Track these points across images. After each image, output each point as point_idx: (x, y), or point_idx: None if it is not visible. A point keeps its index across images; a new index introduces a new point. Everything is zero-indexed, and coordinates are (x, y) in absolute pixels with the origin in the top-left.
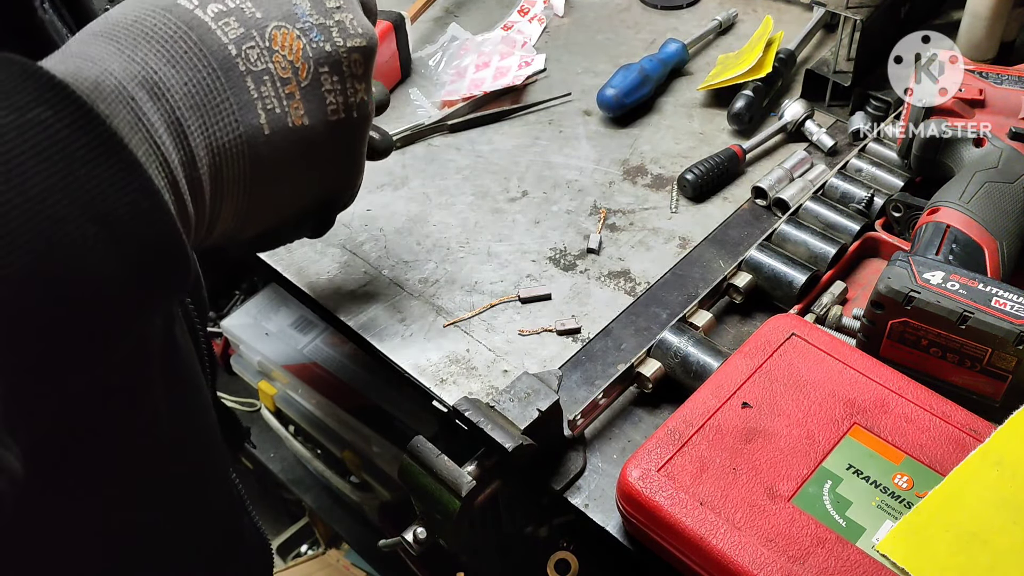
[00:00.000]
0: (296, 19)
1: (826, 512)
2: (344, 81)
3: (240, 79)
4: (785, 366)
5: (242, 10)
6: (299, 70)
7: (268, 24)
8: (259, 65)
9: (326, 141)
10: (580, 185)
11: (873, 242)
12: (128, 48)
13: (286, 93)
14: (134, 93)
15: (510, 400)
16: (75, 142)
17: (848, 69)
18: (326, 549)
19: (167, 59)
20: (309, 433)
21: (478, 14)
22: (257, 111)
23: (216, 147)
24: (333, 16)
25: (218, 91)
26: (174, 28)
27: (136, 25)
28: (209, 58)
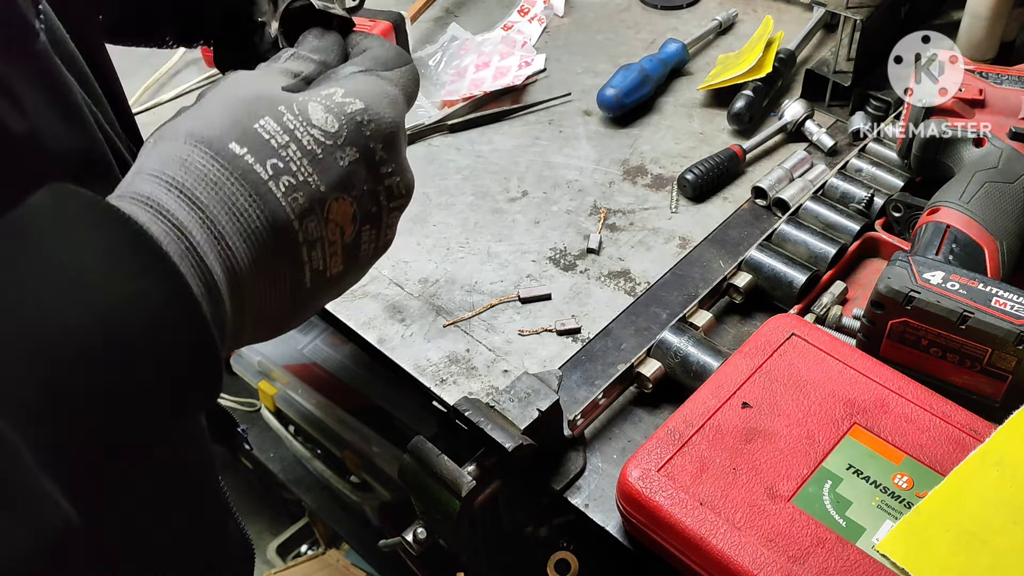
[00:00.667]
0: (352, 188)
1: (826, 512)
2: (380, 232)
3: (296, 249)
4: (785, 366)
5: (308, 184)
6: (345, 231)
7: (329, 197)
8: (315, 235)
9: (352, 275)
10: (580, 185)
11: (873, 242)
12: (210, 214)
13: (331, 253)
14: (213, 265)
15: (510, 400)
16: (171, 315)
17: (848, 69)
18: (326, 549)
19: (241, 232)
20: (309, 433)
21: (478, 14)
22: (305, 272)
23: (264, 303)
24: (384, 182)
25: (278, 261)
26: (250, 202)
27: (218, 191)
28: (276, 233)
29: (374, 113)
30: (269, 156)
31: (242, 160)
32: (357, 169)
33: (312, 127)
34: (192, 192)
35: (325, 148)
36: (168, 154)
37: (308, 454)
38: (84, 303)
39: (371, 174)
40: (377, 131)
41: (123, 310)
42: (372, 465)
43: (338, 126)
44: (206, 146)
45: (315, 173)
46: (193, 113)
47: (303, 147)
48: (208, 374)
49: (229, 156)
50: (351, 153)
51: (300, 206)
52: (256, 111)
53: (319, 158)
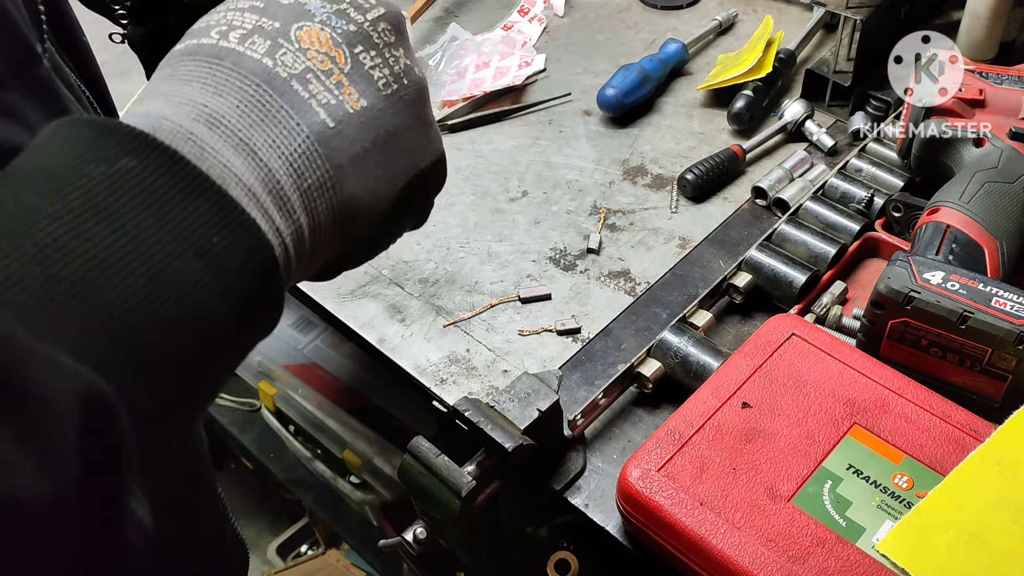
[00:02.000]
0: (312, 16)
1: (826, 512)
2: (381, 53)
3: (286, 85)
4: (785, 366)
5: (260, 27)
6: (336, 58)
7: (289, 29)
8: (298, 67)
9: (391, 116)
10: (580, 185)
11: (873, 242)
12: (173, 96)
13: (334, 83)
14: (192, 128)
15: (510, 400)
16: (164, 184)
17: (848, 69)
18: (326, 549)
19: (212, 91)
20: (309, 433)
21: (478, 14)
22: (314, 108)
23: (289, 155)
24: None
25: (269, 103)
26: (207, 64)
27: (172, 78)
28: (249, 77)
29: None
30: (210, 29)
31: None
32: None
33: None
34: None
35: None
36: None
37: (308, 454)
38: (53, 191)
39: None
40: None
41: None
42: (372, 465)
43: None
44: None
45: (262, 17)
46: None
47: (240, 8)
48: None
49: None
50: None
51: (260, 45)
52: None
53: (260, 7)
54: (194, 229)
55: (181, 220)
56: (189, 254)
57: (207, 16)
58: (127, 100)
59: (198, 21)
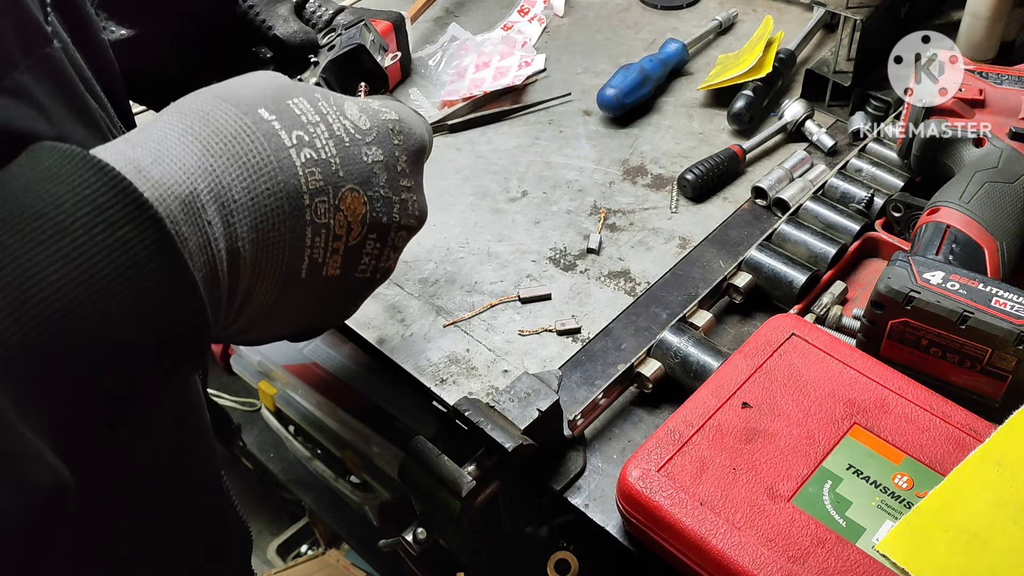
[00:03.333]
0: (370, 186)
1: (826, 512)
2: (384, 250)
3: (302, 228)
4: (785, 366)
5: (329, 164)
6: (352, 231)
7: (345, 184)
8: (322, 219)
9: (344, 291)
10: (580, 185)
11: (873, 242)
12: (220, 168)
13: (332, 248)
14: (211, 217)
15: (510, 400)
16: (152, 267)
17: (848, 69)
18: (326, 549)
19: (248, 188)
20: (309, 433)
21: (478, 14)
22: (303, 258)
23: (259, 276)
24: (401, 194)
25: (279, 232)
26: (265, 160)
27: (233, 142)
28: (284, 202)
29: (406, 126)
30: (296, 128)
31: (268, 123)
32: (379, 171)
33: (345, 118)
34: (206, 141)
35: (353, 139)
36: (189, 107)
37: (308, 454)
38: (63, 253)
39: (391, 181)
40: (405, 143)
41: (105, 259)
42: (372, 465)
43: (370, 125)
44: (233, 104)
45: (338, 157)
46: (222, 83)
47: (332, 131)
48: (194, 329)
49: (255, 117)
50: (376, 153)
51: (315, 182)
52: (291, 91)
53: (345, 145)
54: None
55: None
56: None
57: (305, 100)
58: None
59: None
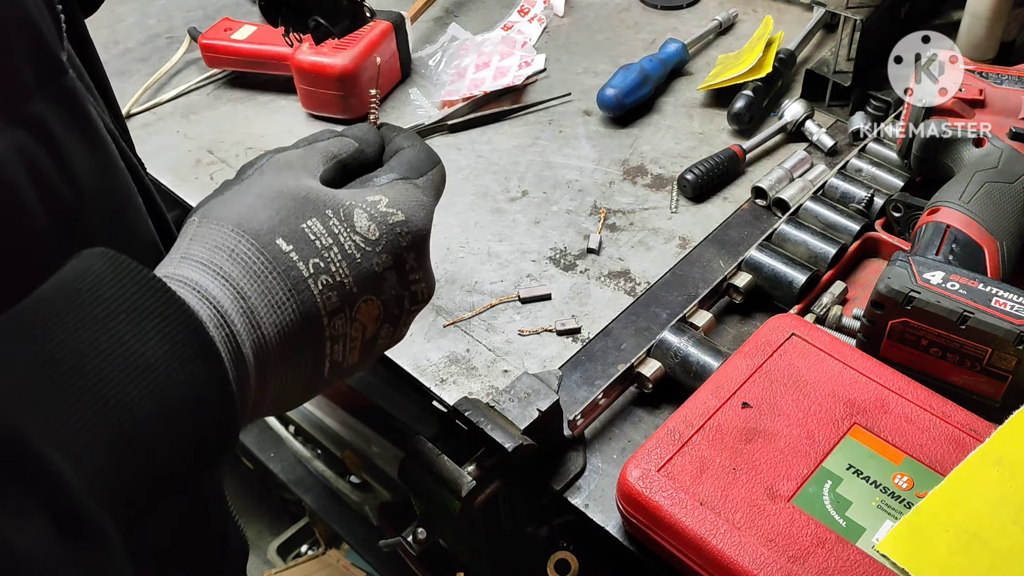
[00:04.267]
0: (381, 291)
1: (826, 512)
2: (396, 330)
3: (322, 343)
4: (785, 366)
5: (343, 285)
6: (367, 329)
7: (359, 299)
8: (340, 331)
9: (363, 366)
10: (580, 185)
11: (873, 242)
12: (250, 304)
13: (351, 347)
14: (247, 352)
15: (510, 400)
16: (210, 396)
17: (848, 69)
18: (326, 549)
19: (275, 323)
20: (309, 433)
21: (478, 14)
22: (325, 363)
23: (284, 388)
24: (410, 287)
25: (303, 351)
26: (288, 295)
27: (260, 282)
28: (307, 326)
29: (412, 224)
30: (312, 255)
31: (287, 257)
32: (389, 275)
33: (355, 233)
34: (237, 283)
35: (364, 253)
36: (215, 242)
37: (308, 454)
38: (148, 389)
39: (400, 280)
40: (412, 241)
41: (178, 394)
42: (372, 465)
43: (379, 234)
44: (253, 237)
45: (351, 275)
46: (239, 198)
47: (344, 251)
48: (227, 444)
49: (275, 252)
50: (386, 260)
51: (333, 304)
52: (304, 211)
53: (357, 262)
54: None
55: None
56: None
57: (318, 222)
58: (127, 99)
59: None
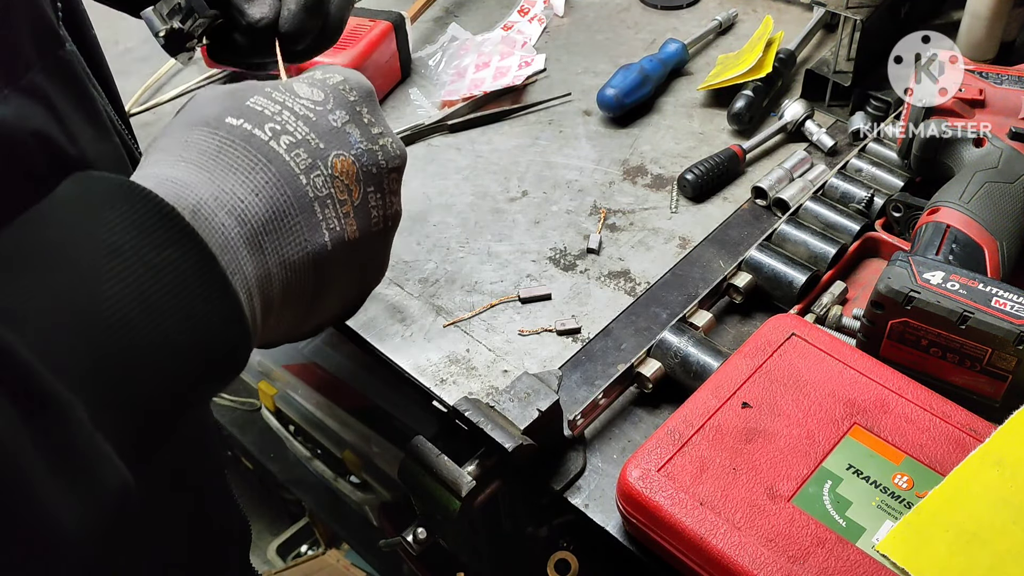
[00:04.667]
0: (350, 146)
1: (826, 512)
2: (385, 197)
3: (309, 204)
4: (785, 366)
5: (308, 141)
6: (352, 191)
7: (329, 153)
8: (324, 191)
9: (370, 247)
10: (580, 185)
11: (873, 242)
12: (218, 178)
13: (343, 212)
14: (223, 220)
15: (510, 400)
16: (197, 282)
17: (848, 69)
18: (326, 549)
19: (251, 189)
20: (309, 433)
21: (478, 14)
22: (322, 231)
23: (288, 264)
24: (377, 141)
25: (291, 216)
26: (254, 160)
27: (221, 156)
28: (285, 187)
29: (353, 80)
30: (265, 121)
31: (240, 128)
32: (351, 130)
33: (300, 98)
34: (197, 162)
35: (316, 112)
36: (168, 143)
37: (308, 454)
38: (117, 272)
39: (364, 134)
40: (359, 95)
41: (154, 278)
42: (372, 465)
43: (324, 95)
44: (202, 125)
45: (311, 132)
46: (183, 112)
47: (295, 112)
48: (236, 339)
49: (227, 127)
50: (342, 115)
51: (304, 160)
52: (244, 93)
53: (312, 120)
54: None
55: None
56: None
57: (260, 97)
58: (127, 99)
59: (251, 96)
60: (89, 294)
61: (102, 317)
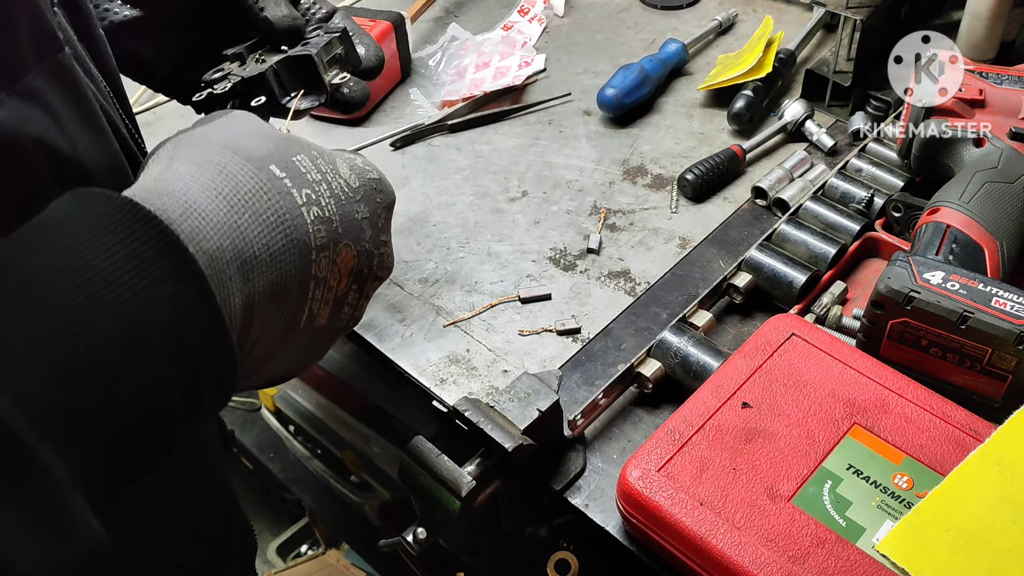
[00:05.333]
0: (359, 241)
1: (826, 512)
2: (360, 299)
3: (307, 281)
4: (785, 366)
5: (331, 221)
6: (341, 282)
7: (342, 240)
8: (323, 273)
9: (325, 338)
10: (580, 185)
11: (873, 242)
12: (243, 226)
13: (326, 299)
14: (233, 273)
15: (510, 400)
16: (192, 321)
17: (848, 69)
18: (326, 549)
19: (267, 246)
20: (309, 433)
21: (478, 14)
22: (304, 310)
23: (266, 328)
24: (380, 248)
25: (291, 284)
26: (280, 217)
27: (253, 200)
28: (296, 257)
29: (384, 185)
30: (304, 186)
31: (281, 182)
32: (366, 227)
33: (339, 177)
34: (229, 198)
35: (348, 197)
36: (203, 158)
37: (308, 454)
38: (112, 308)
39: (373, 237)
40: (384, 201)
41: (150, 315)
42: (372, 465)
43: (358, 184)
44: (245, 160)
45: (337, 215)
46: (219, 127)
47: (332, 189)
48: (225, 377)
49: (269, 175)
50: (364, 211)
51: (321, 238)
52: (291, 147)
53: (342, 203)
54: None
55: (193, 358)
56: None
57: (306, 158)
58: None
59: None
60: (78, 332)
61: (89, 357)
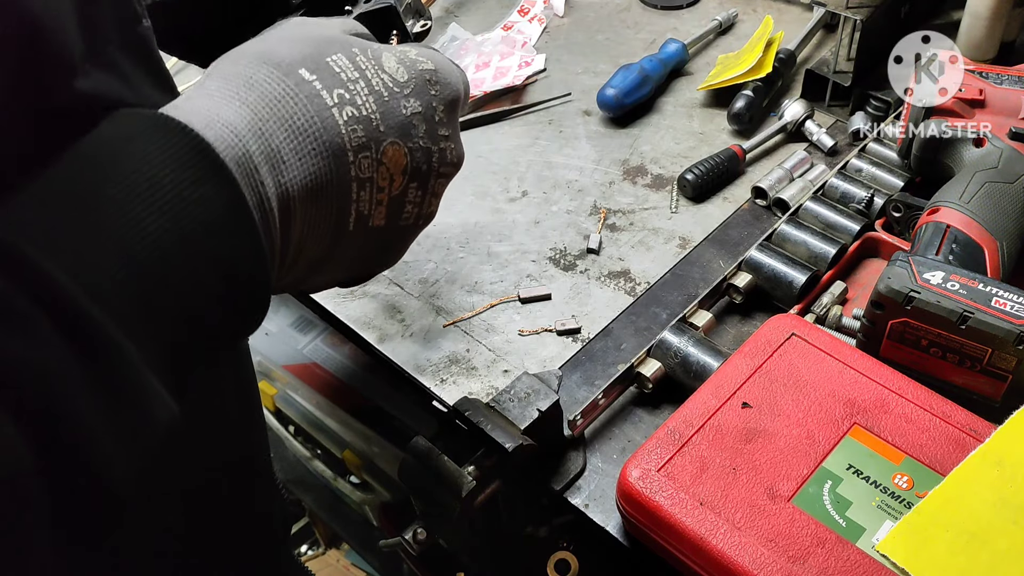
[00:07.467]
0: (409, 137)
1: (826, 512)
2: (426, 196)
3: (348, 183)
4: (785, 366)
5: (370, 119)
6: (394, 181)
7: (386, 139)
8: (366, 174)
9: (391, 237)
10: (580, 185)
11: (873, 242)
12: (268, 132)
13: (377, 200)
14: (264, 178)
15: (510, 400)
16: (229, 222)
17: (848, 69)
18: (326, 549)
19: (296, 150)
20: (309, 433)
21: (478, 14)
22: (350, 211)
23: (309, 232)
24: (439, 143)
25: (327, 187)
26: (310, 121)
27: (279, 105)
28: (330, 159)
29: (443, 76)
30: (337, 86)
31: (310, 85)
32: (418, 123)
33: (383, 72)
34: (253, 106)
35: (392, 93)
36: (232, 72)
37: (308, 454)
38: (158, 206)
39: (429, 132)
40: (442, 93)
41: (191, 213)
42: (372, 465)
43: (407, 77)
44: (274, 67)
45: (378, 112)
46: (258, 43)
47: (371, 86)
48: (259, 282)
49: (297, 79)
50: (415, 105)
51: (358, 138)
52: (329, 48)
53: (384, 100)
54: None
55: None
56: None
57: (343, 57)
58: None
59: (334, 53)
60: (131, 228)
61: (143, 252)
